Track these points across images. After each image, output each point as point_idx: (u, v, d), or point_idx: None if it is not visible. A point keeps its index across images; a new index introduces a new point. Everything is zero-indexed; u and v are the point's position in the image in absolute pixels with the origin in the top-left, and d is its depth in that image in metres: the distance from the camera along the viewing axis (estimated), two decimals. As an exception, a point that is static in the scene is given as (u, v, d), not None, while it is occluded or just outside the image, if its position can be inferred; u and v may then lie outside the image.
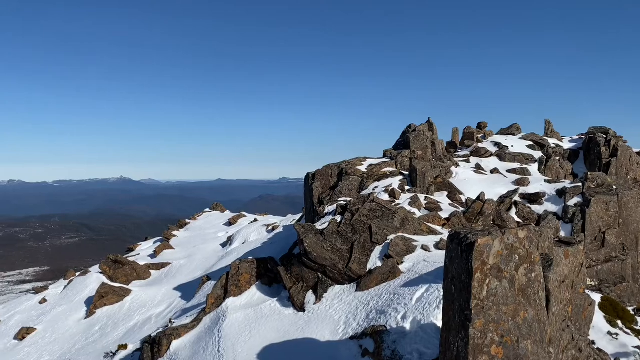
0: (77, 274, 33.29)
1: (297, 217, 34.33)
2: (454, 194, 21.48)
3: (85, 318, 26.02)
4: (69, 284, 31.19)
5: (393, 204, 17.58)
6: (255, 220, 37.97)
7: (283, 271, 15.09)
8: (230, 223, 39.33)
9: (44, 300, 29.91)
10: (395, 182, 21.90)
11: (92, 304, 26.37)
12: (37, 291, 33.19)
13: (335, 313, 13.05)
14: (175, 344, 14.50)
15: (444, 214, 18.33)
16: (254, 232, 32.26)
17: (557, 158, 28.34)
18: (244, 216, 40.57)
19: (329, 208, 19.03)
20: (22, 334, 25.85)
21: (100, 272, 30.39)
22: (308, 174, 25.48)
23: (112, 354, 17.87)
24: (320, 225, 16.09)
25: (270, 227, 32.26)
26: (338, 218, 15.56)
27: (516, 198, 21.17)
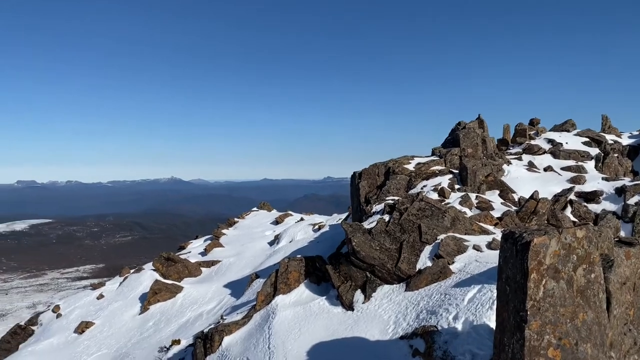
0: (132, 271, 34.48)
1: (343, 216, 34.37)
2: (506, 192, 20.95)
3: (140, 314, 26.92)
4: (124, 280, 32.37)
5: (443, 203, 17.32)
6: (302, 219, 38.25)
7: (331, 270, 15.15)
8: (277, 222, 39.81)
9: (101, 296, 31.16)
10: (444, 180, 21.57)
11: (146, 300, 27.26)
12: (94, 287, 34.63)
13: (385, 312, 12.99)
14: (227, 339, 14.81)
15: (496, 213, 17.91)
16: (301, 231, 32.51)
17: (616, 155, 27.14)
18: (290, 215, 40.96)
19: (377, 207, 18.95)
20: (82, 327, 27.03)
21: (154, 270, 31.37)
22: (354, 173, 25.44)
23: (166, 349, 18.42)
24: (367, 224, 16.05)
25: (316, 226, 32.43)
26: (386, 217, 15.47)
27: (571, 197, 20.44)
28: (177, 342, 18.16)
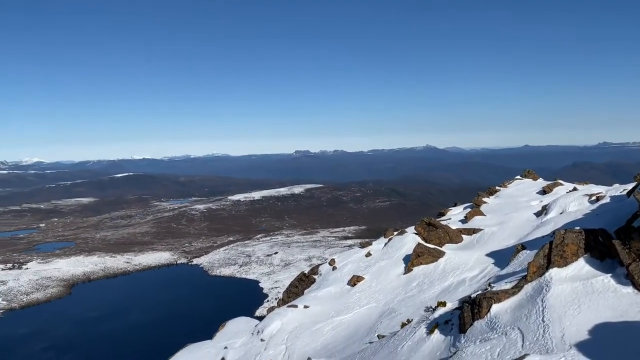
0: (395, 233, 36.57)
1: (628, 187, 29.84)
2: None
3: (404, 273, 28.46)
4: (388, 241, 34.57)
5: None
6: (575, 189, 34.66)
7: (619, 245, 13.39)
8: (544, 191, 37.01)
9: (368, 254, 33.96)
10: None
11: (410, 262, 28.64)
12: (362, 245, 37.93)
13: (693, 299, 10.98)
14: (496, 307, 14.54)
15: None
16: (574, 202, 29.49)
17: None
18: (561, 184, 37.52)
19: (681, 175, 15.88)
20: (354, 281, 30.02)
21: (415, 233, 32.69)
22: (647, 136, 21.74)
23: (431, 309, 19.09)
24: (669, 195, 13.62)
25: (593, 197, 28.96)
26: (696, 187, 12.86)
27: None
28: (443, 304, 18.61)
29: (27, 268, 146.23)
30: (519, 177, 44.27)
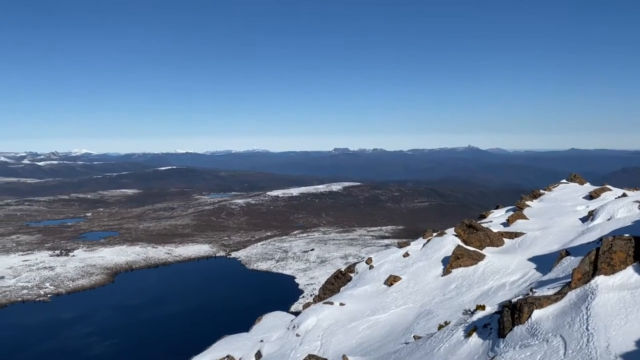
0: (434, 234, 36.12)
1: (682, 194, 28.61)
2: None
3: (442, 275, 28.12)
4: (427, 242, 34.20)
5: None
6: (624, 195, 33.40)
7: (672, 254, 12.87)
8: (591, 196, 35.82)
9: (406, 255, 33.68)
10: None
11: (449, 264, 28.25)
12: (400, 245, 37.62)
13: None
14: (537, 313, 14.21)
15: None
16: (623, 208, 28.43)
17: None
18: (609, 190, 36.22)
19: None
20: (390, 280, 29.86)
21: (455, 235, 32.21)
22: None
23: (470, 312, 18.81)
24: None
25: (644, 204, 27.89)
26: None
27: None
28: (482, 307, 18.30)
29: (73, 255, 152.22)
30: (564, 180, 43.00)
